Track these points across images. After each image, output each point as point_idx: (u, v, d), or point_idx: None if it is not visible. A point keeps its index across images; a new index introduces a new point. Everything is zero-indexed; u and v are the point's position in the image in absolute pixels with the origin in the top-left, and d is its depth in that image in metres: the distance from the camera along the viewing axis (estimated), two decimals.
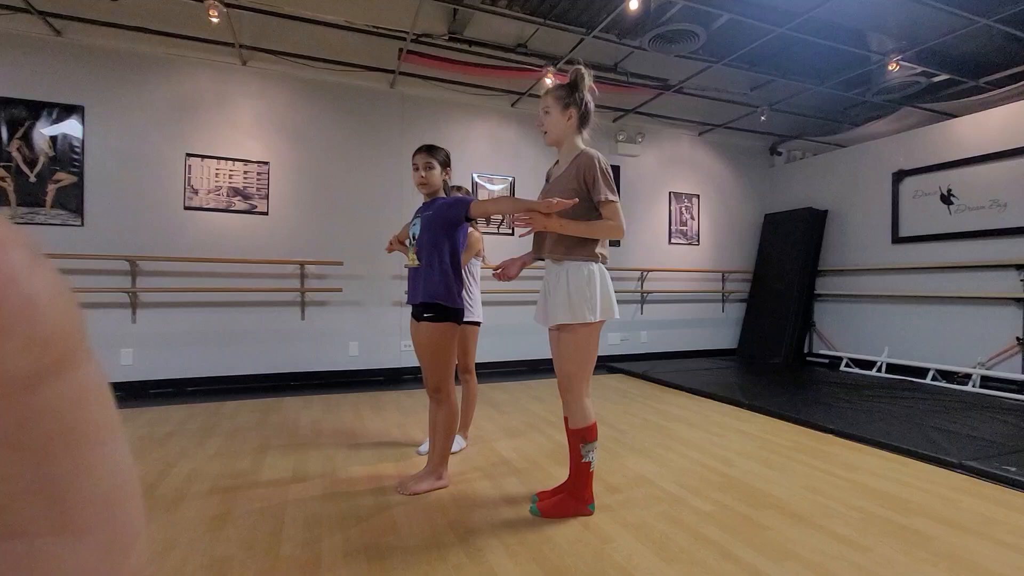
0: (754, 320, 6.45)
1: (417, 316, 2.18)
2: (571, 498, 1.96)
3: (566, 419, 2.02)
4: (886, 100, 5.31)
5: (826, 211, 6.19)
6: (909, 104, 5.32)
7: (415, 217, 2.27)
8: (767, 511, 2.00)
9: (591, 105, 1.98)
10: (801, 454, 2.71)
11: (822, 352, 6.06)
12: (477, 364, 3.25)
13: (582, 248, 1.90)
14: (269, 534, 1.79)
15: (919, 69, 4.59)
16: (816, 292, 6.25)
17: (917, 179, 5.26)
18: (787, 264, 6.23)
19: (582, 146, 1.97)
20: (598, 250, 1.93)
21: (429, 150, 2.23)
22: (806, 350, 6.30)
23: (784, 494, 2.17)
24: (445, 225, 2.14)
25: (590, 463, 1.94)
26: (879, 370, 5.23)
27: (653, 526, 1.87)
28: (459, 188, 2.83)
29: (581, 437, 1.92)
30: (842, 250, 6.02)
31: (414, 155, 2.25)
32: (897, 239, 5.42)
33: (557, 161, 2.08)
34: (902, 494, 2.18)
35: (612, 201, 1.86)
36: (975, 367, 4.56)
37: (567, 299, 1.88)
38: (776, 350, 5.98)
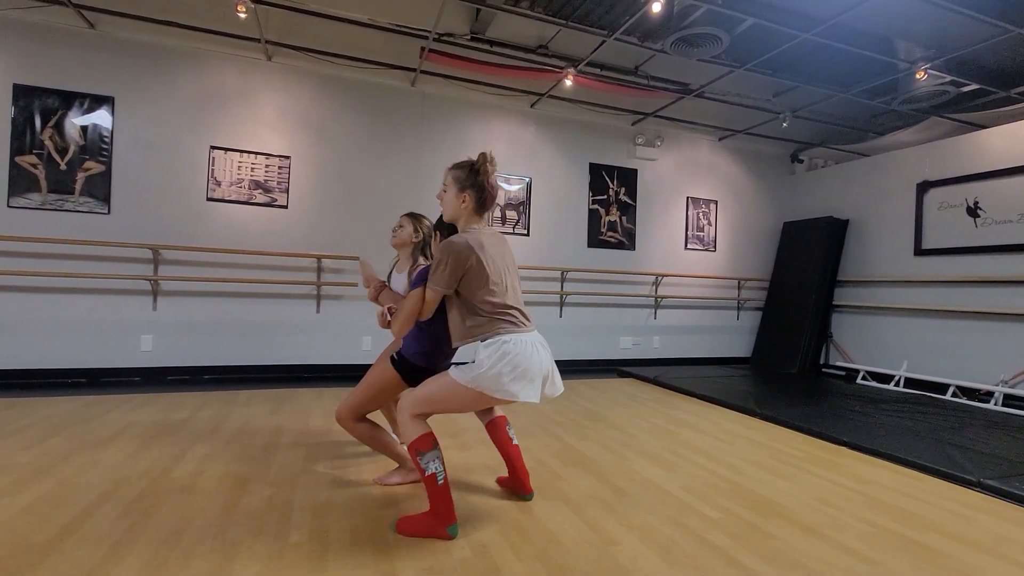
0: (769, 329, 6.37)
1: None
2: (430, 516, 1.76)
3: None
4: (912, 109, 5.21)
5: (847, 220, 6.09)
6: (936, 114, 5.21)
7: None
8: (774, 520, 1.98)
9: (493, 191, 1.91)
10: (812, 465, 2.67)
11: (839, 364, 5.96)
12: None
13: (466, 331, 1.82)
14: (278, 521, 1.82)
15: (948, 78, 4.49)
16: (834, 303, 6.15)
17: (943, 190, 5.15)
18: (805, 273, 6.13)
19: (469, 227, 1.90)
20: (483, 327, 1.78)
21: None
22: (822, 361, 6.20)
23: (793, 504, 2.15)
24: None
25: (435, 475, 1.74)
26: (897, 384, 5.12)
27: (658, 530, 1.87)
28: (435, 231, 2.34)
29: (416, 449, 1.77)
30: (862, 261, 5.92)
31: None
32: (920, 251, 5.31)
33: None
34: (915, 509, 2.14)
35: (425, 287, 1.80)
36: (998, 385, 4.45)
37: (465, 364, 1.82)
38: (791, 360, 5.90)
